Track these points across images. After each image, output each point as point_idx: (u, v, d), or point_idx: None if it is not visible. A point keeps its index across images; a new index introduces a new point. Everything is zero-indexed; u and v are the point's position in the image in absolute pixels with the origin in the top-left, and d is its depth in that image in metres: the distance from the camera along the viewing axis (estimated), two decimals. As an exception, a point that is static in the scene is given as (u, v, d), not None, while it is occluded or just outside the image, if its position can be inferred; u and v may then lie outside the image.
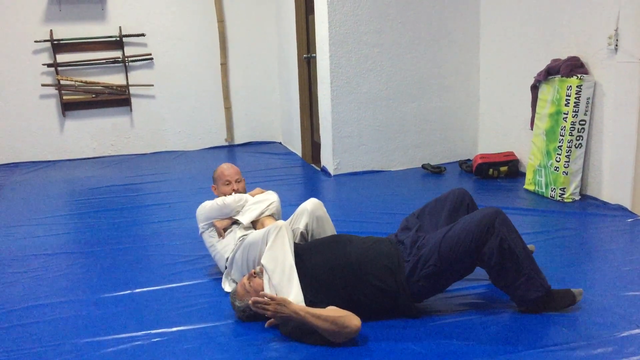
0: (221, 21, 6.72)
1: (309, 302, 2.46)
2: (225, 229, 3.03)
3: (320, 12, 5.16)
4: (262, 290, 2.51)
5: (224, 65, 6.83)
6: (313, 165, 5.90)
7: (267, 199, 3.12)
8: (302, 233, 2.92)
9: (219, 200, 3.07)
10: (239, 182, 3.24)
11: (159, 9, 6.57)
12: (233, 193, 3.16)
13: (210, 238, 3.06)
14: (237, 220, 3.04)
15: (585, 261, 3.17)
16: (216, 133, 7.00)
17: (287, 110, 6.72)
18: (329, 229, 2.98)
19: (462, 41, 5.39)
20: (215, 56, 6.80)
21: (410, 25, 5.23)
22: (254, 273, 2.58)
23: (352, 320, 2.32)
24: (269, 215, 3.03)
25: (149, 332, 2.58)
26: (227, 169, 3.27)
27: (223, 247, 2.97)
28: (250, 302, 2.42)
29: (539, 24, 4.57)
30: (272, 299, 2.36)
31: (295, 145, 6.48)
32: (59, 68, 6.35)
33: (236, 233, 2.97)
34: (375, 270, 2.52)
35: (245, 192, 3.25)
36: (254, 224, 3.03)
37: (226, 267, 2.96)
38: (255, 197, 3.16)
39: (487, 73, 5.39)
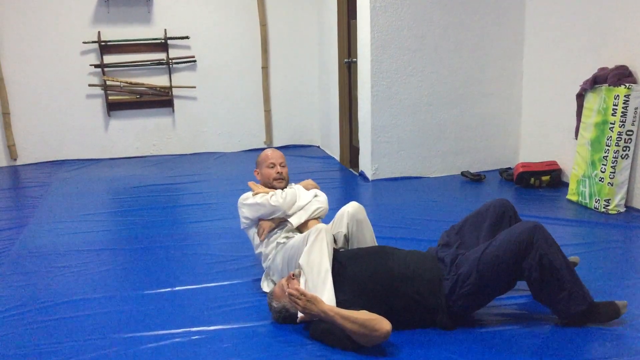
0: (263, 25, 6.79)
1: (346, 302, 2.46)
2: (270, 231, 2.97)
3: (362, 17, 5.17)
4: (299, 292, 2.53)
5: (265, 68, 6.90)
6: (351, 169, 5.90)
7: (317, 202, 3.06)
8: (345, 235, 2.91)
9: (271, 200, 2.93)
10: (283, 166, 3.13)
11: (203, 13, 6.68)
12: (277, 175, 3.08)
13: (255, 235, 3.03)
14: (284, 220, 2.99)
15: (629, 275, 3.09)
16: (255, 135, 7.07)
17: (326, 114, 6.74)
18: (369, 234, 2.97)
19: (505, 47, 5.32)
20: (257, 59, 6.88)
21: (452, 31, 5.19)
22: (293, 275, 2.60)
23: (383, 324, 2.30)
24: (315, 218, 3.01)
25: (188, 329, 2.63)
26: (272, 152, 3.17)
27: (267, 246, 2.97)
28: (286, 292, 2.47)
29: (586, 31, 4.48)
30: (303, 294, 2.38)
31: (334, 150, 6.49)
32: (105, 69, 6.51)
33: (280, 234, 2.97)
34: (417, 286, 2.50)
35: (288, 178, 3.16)
36: (300, 227, 3.00)
37: (267, 267, 2.98)
38: (306, 198, 3.06)
39: (530, 80, 5.31)
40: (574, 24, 4.61)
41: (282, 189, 3.09)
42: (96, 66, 6.49)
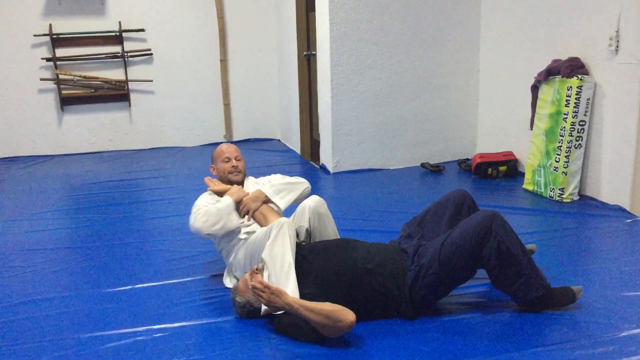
0: (221, 17, 6.71)
1: (310, 295, 2.46)
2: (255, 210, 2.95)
3: (321, 10, 5.16)
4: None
5: (224, 61, 6.83)
6: (312, 162, 5.90)
7: (299, 182, 3.14)
8: (307, 230, 2.91)
9: (194, 222, 2.87)
10: (239, 159, 3.13)
11: (159, 5, 6.55)
12: (232, 169, 3.09)
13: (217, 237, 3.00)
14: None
15: (584, 261, 3.18)
16: (215, 129, 6.99)
17: (286, 107, 6.72)
18: (331, 227, 2.97)
19: (462, 40, 5.40)
20: (215, 52, 6.80)
21: (411, 24, 5.23)
22: (256, 269, 2.59)
23: (347, 314, 2.31)
24: (274, 212, 3.00)
25: (150, 327, 2.58)
26: (226, 146, 3.18)
27: (228, 242, 2.95)
28: (249, 285, 2.45)
29: (540, 25, 4.58)
30: (267, 287, 2.38)
31: (294, 143, 6.48)
32: (58, 62, 6.33)
33: (241, 230, 2.95)
34: (380, 277, 2.52)
35: (245, 172, 3.17)
36: (259, 221, 2.97)
37: (229, 263, 2.95)
38: (285, 179, 3.16)
39: (487, 72, 5.40)
40: (528, 17, 4.71)
41: (240, 182, 3.12)
42: (48, 60, 6.30)
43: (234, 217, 2.90)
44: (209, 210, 2.85)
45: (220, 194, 3.02)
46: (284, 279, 2.50)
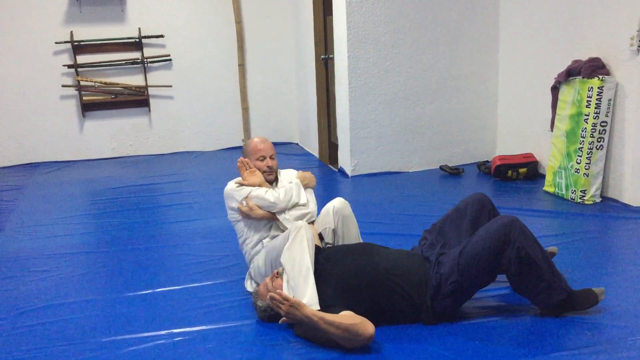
0: (239, 22, 6.75)
1: (328, 304, 2.46)
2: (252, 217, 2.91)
3: (338, 13, 5.16)
4: (282, 290, 2.52)
5: (242, 66, 6.86)
6: (330, 166, 5.90)
7: (306, 208, 2.98)
8: (333, 230, 2.90)
9: (267, 195, 2.85)
10: (273, 158, 3.00)
11: (177, 11, 6.61)
12: (267, 169, 2.98)
13: (243, 229, 2.98)
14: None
15: (606, 264, 3.14)
16: (233, 134, 7.03)
17: (304, 111, 6.73)
18: (354, 229, 2.97)
19: (481, 42, 5.36)
20: (233, 57, 6.84)
21: (428, 26, 5.21)
22: (277, 273, 2.59)
23: (366, 328, 2.30)
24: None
25: (171, 331, 2.60)
26: (260, 142, 3.00)
27: (250, 243, 2.94)
28: (267, 296, 2.45)
29: (559, 25, 4.54)
30: (286, 299, 2.37)
31: (312, 146, 6.49)
32: (79, 69, 6.42)
33: (268, 234, 2.94)
34: (403, 283, 2.51)
35: (278, 169, 3.08)
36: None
37: (250, 267, 2.96)
38: (304, 199, 3.00)
39: (506, 74, 5.36)
40: (548, 17, 4.66)
41: (272, 181, 3.04)
42: (69, 66, 6.39)
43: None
44: (286, 189, 2.92)
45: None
46: (302, 284, 2.49)
